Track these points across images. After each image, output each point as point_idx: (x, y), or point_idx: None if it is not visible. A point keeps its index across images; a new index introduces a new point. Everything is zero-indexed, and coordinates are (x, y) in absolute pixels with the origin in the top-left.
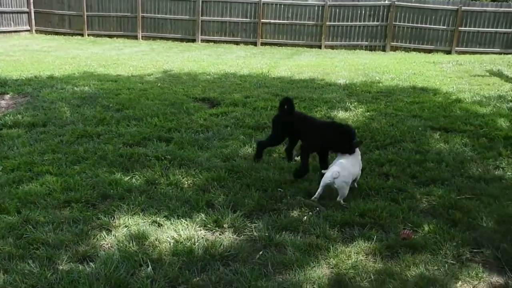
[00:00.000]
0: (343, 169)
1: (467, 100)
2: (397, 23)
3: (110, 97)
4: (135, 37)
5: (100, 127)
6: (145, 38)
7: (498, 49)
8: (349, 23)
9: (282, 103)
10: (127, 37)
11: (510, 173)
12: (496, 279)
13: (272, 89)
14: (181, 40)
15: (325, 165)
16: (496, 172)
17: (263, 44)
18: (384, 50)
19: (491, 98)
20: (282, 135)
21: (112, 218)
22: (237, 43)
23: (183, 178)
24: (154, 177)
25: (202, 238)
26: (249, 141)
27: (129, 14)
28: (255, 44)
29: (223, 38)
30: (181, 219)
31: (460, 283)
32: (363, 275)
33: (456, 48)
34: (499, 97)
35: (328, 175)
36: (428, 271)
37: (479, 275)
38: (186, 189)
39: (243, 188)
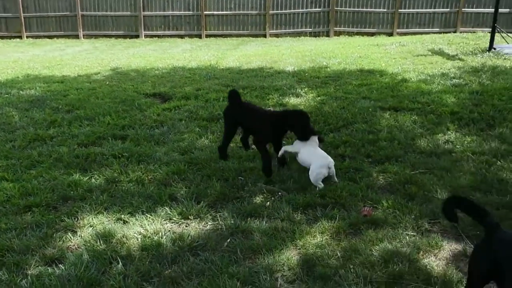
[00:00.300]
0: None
1: (412, 79)
2: (339, 8)
3: (59, 99)
4: (76, 37)
5: (52, 130)
6: (87, 36)
7: (437, 29)
8: (292, 10)
9: (230, 95)
10: (68, 37)
11: (459, 146)
12: (454, 246)
13: (222, 80)
14: (124, 36)
15: (279, 148)
16: (446, 146)
17: (208, 36)
18: (328, 35)
19: (435, 76)
20: (234, 127)
21: (76, 219)
22: (181, 36)
23: (143, 174)
24: (114, 175)
25: (169, 231)
26: (205, 133)
27: (68, 13)
28: (200, 36)
29: (167, 32)
30: (146, 215)
31: (421, 253)
32: (329, 253)
33: (397, 30)
34: (443, 74)
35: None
36: (391, 244)
37: (439, 244)
38: (147, 184)
39: (204, 179)
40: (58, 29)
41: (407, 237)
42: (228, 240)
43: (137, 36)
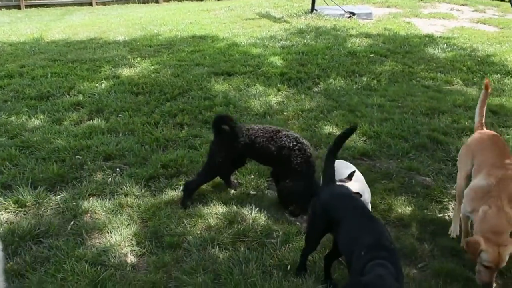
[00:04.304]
0: None
1: (243, 43)
2: None
3: None
4: None
5: None
6: None
7: None
8: None
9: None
10: None
11: (290, 105)
12: None
13: (48, 55)
14: None
15: None
16: (278, 106)
17: (28, 6)
18: (157, 1)
19: (264, 39)
20: None
21: None
22: None
23: None
24: None
25: (6, 222)
26: (35, 113)
27: None
28: (18, 7)
29: None
30: None
31: (263, 210)
32: (177, 222)
33: None
34: (271, 37)
35: None
36: (236, 206)
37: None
38: None
39: (39, 162)
40: None
41: (249, 197)
42: (72, 223)
43: None
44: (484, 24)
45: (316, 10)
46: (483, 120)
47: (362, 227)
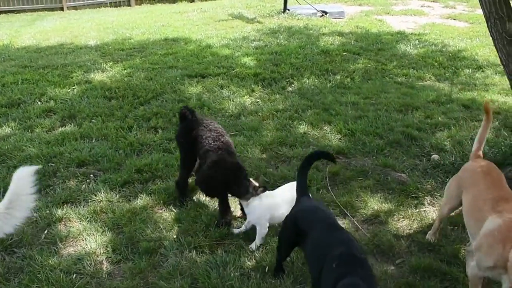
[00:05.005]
0: None
1: (216, 45)
2: None
3: None
4: None
5: None
6: None
7: None
8: None
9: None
10: None
11: (265, 105)
12: None
13: (18, 61)
14: None
15: None
16: (253, 107)
17: None
18: (129, 5)
19: (237, 40)
20: None
21: None
22: None
23: None
24: None
25: None
26: (6, 121)
27: None
28: None
29: None
30: None
31: (240, 212)
32: (153, 227)
33: None
34: (244, 38)
35: None
36: (212, 208)
37: None
38: None
39: (10, 171)
40: None
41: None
42: (46, 232)
43: None
44: (455, 19)
45: (288, 9)
46: (481, 149)
47: (331, 239)
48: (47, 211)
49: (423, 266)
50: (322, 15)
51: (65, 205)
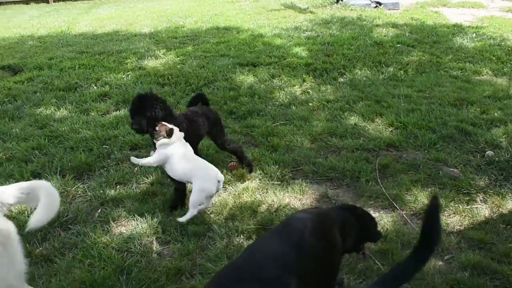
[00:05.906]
0: None
1: (268, 34)
2: None
3: None
4: None
5: None
6: None
7: None
8: None
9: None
10: None
11: (316, 96)
12: (316, 189)
13: (76, 47)
14: None
15: None
16: (303, 97)
17: (56, 0)
18: None
19: (289, 30)
20: None
21: None
22: (26, 2)
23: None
24: None
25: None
26: (63, 104)
27: None
28: (47, 1)
29: None
30: None
31: (287, 199)
32: (201, 211)
33: None
34: (296, 28)
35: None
36: (260, 195)
37: (303, 189)
38: (6, 163)
39: (67, 151)
40: None
41: (273, 187)
42: (99, 210)
43: None
44: None
45: (341, 0)
46: None
47: None
48: (101, 191)
49: (472, 263)
50: (376, 6)
51: (118, 186)
